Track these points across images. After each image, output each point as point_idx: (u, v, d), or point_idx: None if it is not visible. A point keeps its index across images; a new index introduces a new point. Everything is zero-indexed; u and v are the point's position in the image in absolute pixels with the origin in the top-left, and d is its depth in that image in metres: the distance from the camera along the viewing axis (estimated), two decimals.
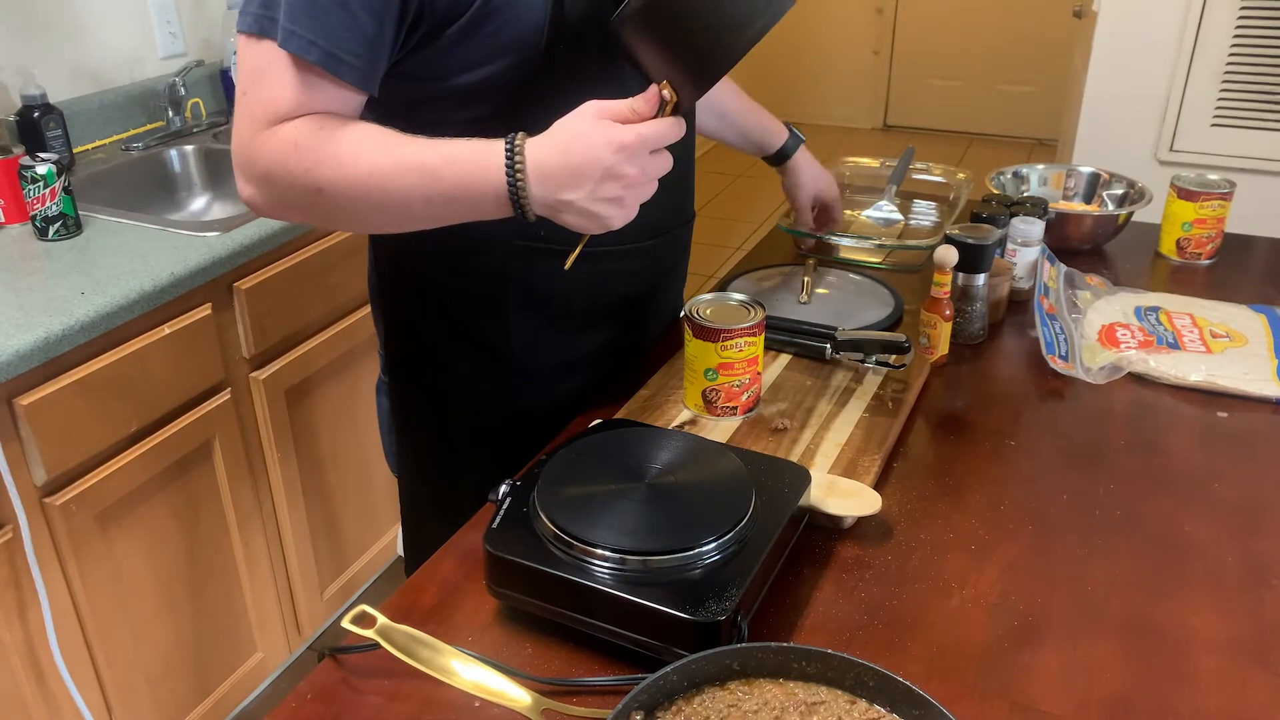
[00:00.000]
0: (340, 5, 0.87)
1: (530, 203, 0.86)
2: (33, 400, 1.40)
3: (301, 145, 0.88)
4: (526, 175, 0.85)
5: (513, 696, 0.73)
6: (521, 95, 0.97)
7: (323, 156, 0.88)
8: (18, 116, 1.92)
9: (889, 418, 1.11)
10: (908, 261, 1.54)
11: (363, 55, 0.89)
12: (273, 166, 0.90)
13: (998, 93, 5.50)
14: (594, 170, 0.84)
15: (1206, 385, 1.21)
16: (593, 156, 0.83)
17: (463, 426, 1.20)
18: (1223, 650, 0.82)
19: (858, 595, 0.88)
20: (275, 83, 0.89)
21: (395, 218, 0.93)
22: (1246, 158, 2.34)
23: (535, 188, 0.86)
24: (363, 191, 0.89)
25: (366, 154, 0.89)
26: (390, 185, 0.88)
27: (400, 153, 0.89)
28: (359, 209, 0.91)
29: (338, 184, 0.89)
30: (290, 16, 0.87)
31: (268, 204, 0.94)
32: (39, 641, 1.49)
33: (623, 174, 0.84)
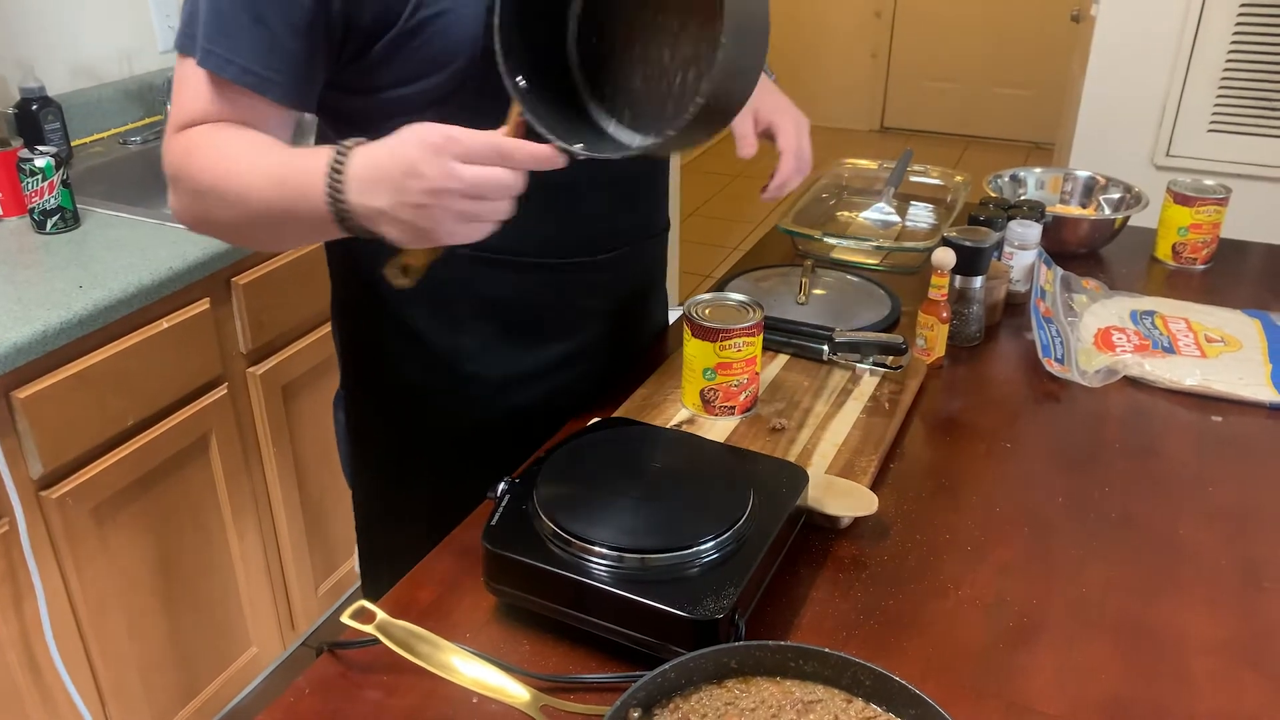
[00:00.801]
0: (257, 22, 0.86)
1: (351, 212, 0.79)
2: (30, 393, 1.40)
3: (191, 147, 0.89)
4: (347, 178, 0.78)
5: (511, 693, 0.73)
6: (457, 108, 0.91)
7: (200, 158, 0.88)
8: (16, 109, 1.91)
9: (886, 419, 1.12)
10: (905, 263, 1.55)
11: (284, 71, 0.89)
12: (172, 170, 0.91)
13: (995, 96, 5.51)
14: (398, 169, 0.76)
15: (1201, 389, 1.22)
16: (401, 155, 0.76)
17: (419, 440, 1.18)
18: (1216, 652, 0.83)
19: (854, 595, 0.89)
20: (190, 94, 0.90)
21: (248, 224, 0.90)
22: (1242, 163, 2.35)
23: (355, 195, 0.78)
24: (226, 194, 0.87)
25: (228, 159, 0.87)
26: (242, 186, 0.86)
27: (257, 157, 0.87)
28: (225, 214, 0.89)
29: (206, 186, 0.88)
30: (208, 36, 0.87)
31: (183, 211, 0.93)
32: (34, 635, 1.49)
33: (422, 173, 0.74)
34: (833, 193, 1.78)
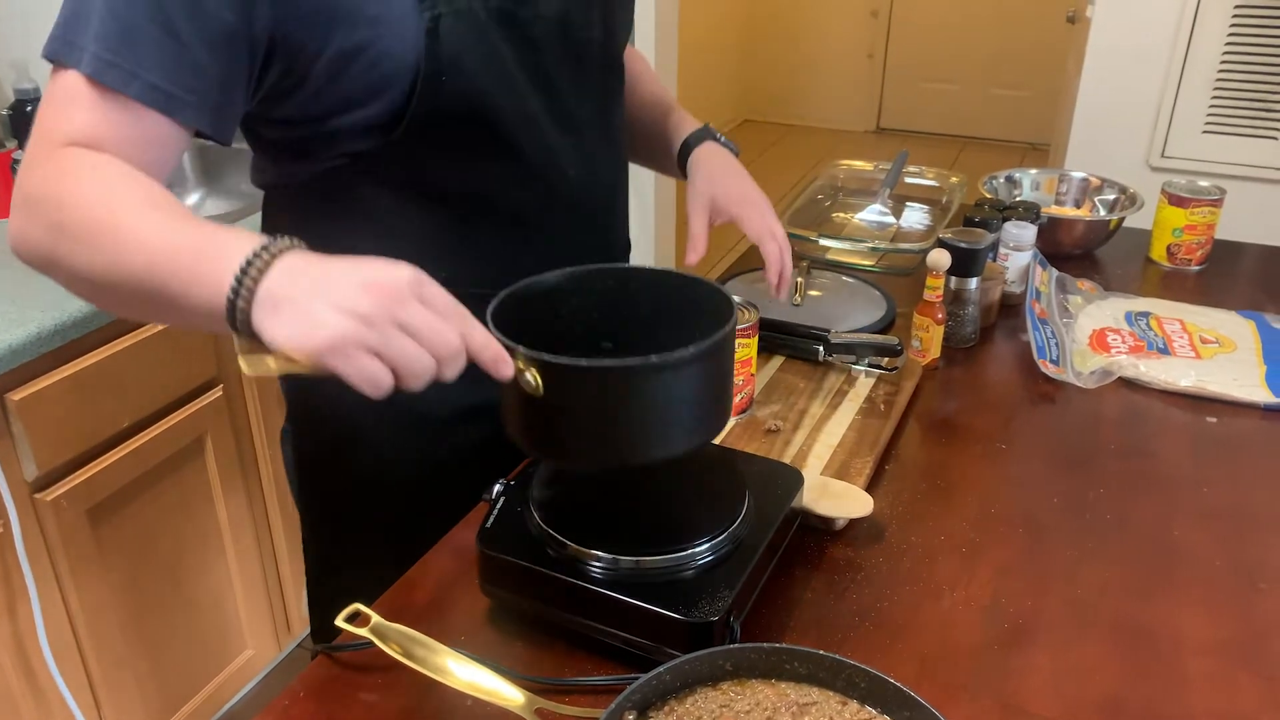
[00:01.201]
0: (168, 33, 0.76)
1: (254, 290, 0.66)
2: (24, 395, 1.40)
3: (65, 171, 0.75)
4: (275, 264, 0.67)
5: (506, 695, 0.73)
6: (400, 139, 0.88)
7: (74, 188, 0.74)
8: (10, 110, 1.91)
9: (881, 420, 1.12)
10: (900, 265, 1.55)
11: (197, 90, 0.78)
12: (35, 192, 0.76)
13: (991, 97, 5.52)
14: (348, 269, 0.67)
15: (1196, 390, 1.22)
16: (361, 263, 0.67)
17: (367, 480, 1.09)
18: (1211, 653, 0.83)
19: (849, 597, 0.89)
20: (73, 109, 0.76)
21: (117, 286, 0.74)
22: (1237, 165, 2.36)
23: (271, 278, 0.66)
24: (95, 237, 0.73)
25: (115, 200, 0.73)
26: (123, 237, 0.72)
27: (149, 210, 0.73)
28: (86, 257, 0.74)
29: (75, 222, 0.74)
30: (106, 45, 0.75)
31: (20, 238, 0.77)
32: (29, 637, 1.49)
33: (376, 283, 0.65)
34: (828, 194, 1.78)
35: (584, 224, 1.05)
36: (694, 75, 4.83)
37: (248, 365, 0.67)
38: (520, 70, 0.91)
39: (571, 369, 0.71)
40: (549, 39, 0.93)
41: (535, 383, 0.71)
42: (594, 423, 0.75)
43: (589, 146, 1.01)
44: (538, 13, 0.91)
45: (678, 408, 0.76)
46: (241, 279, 0.67)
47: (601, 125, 1.03)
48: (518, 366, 0.71)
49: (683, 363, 0.73)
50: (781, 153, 5.62)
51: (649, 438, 0.76)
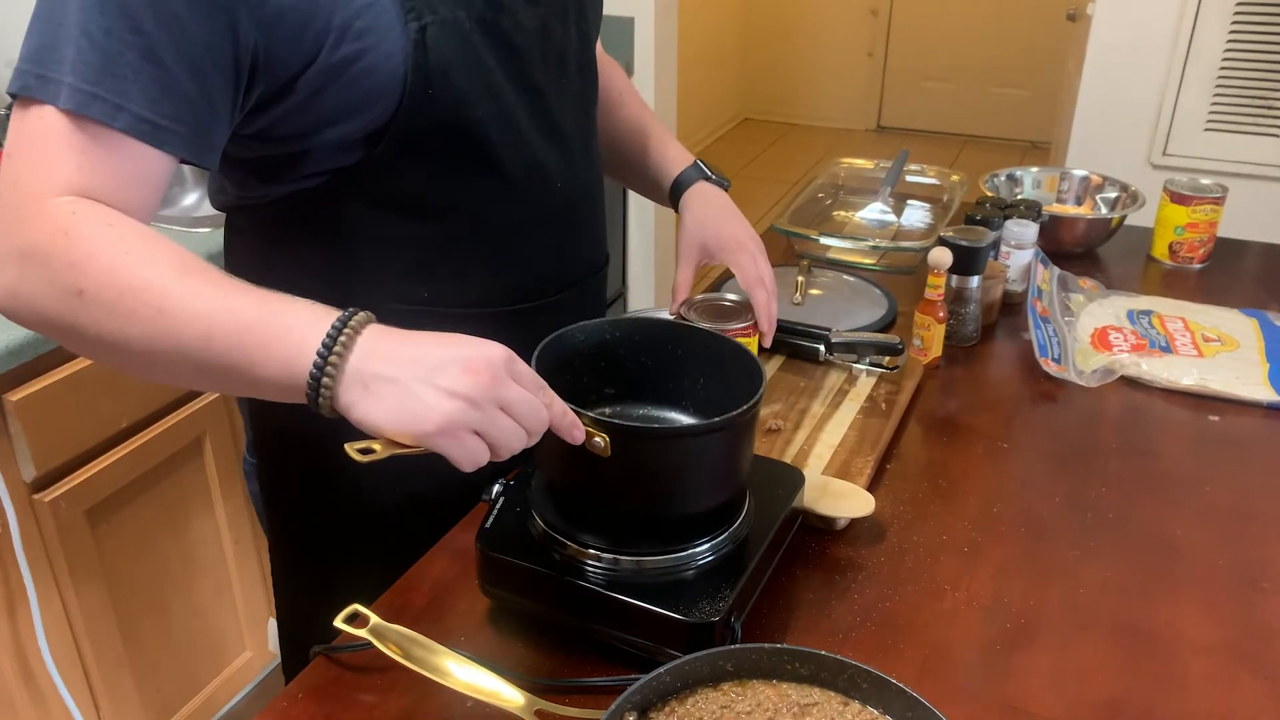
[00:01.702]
0: (148, 60, 0.71)
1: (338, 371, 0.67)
2: (22, 396, 1.39)
3: (74, 234, 0.70)
4: (354, 344, 0.68)
5: (506, 696, 0.72)
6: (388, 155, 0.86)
7: (98, 252, 0.69)
8: (7, 110, 1.90)
9: (882, 419, 1.11)
10: (901, 263, 1.55)
11: (184, 120, 0.74)
12: (32, 250, 0.70)
13: (992, 95, 5.52)
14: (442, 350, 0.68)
15: (1198, 389, 1.21)
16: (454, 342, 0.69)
17: (347, 511, 1.04)
18: (1212, 653, 0.83)
19: (851, 597, 0.89)
20: (54, 149, 0.71)
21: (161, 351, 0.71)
22: (1239, 162, 2.35)
23: (356, 355, 0.68)
24: (130, 307, 0.69)
25: (148, 267, 0.70)
26: (167, 307, 0.69)
27: (196, 280, 0.70)
28: (120, 328, 0.70)
29: (103, 293, 0.69)
30: (85, 76, 0.70)
31: (12, 295, 0.72)
32: (27, 639, 1.49)
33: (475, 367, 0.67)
34: (829, 192, 1.78)
35: (568, 235, 1.02)
36: (694, 74, 4.83)
37: (358, 454, 0.67)
38: (505, 80, 0.90)
39: (639, 432, 0.80)
40: (530, 46, 0.91)
41: (604, 444, 0.75)
42: (654, 478, 0.80)
43: (574, 156, 1.00)
44: (518, 21, 0.90)
45: (728, 462, 0.82)
46: (326, 357, 0.67)
47: (583, 133, 1.02)
48: (587, 431, 0.75)
49: (734, 421, 0.78)
50: (782, 151, 5.61)
51: (702, 490, 0.81)
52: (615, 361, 0.90)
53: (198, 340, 0.69)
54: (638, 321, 0.91)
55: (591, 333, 0.88)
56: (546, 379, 0.74)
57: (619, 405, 0.91)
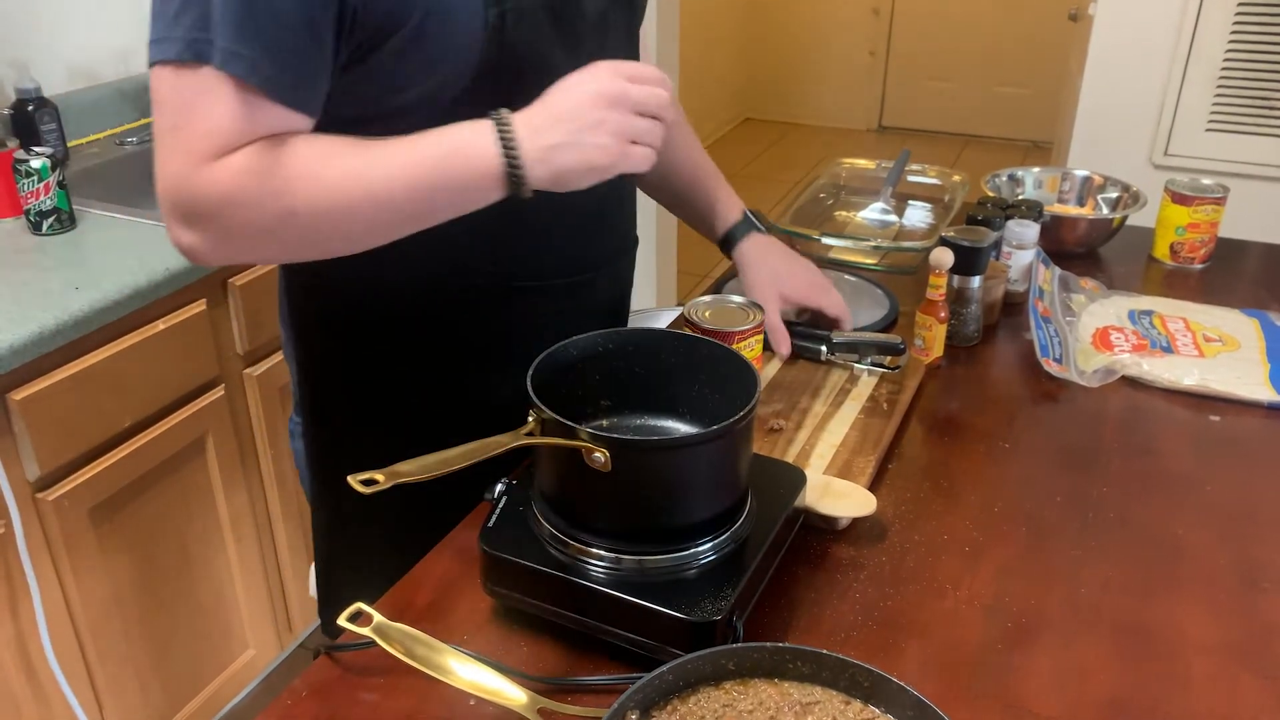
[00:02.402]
0: (277, 22, 0.79)
1: (524, 160, 0.82)
2: (26, 395, 1.40)
3: (261, 171, 0.80)
4: (515, 132, 0.82)
5: (509, 695, 0.73)
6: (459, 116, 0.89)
7: (290, 175, 0.81)
8: (12, 110, 1.91)
9: (884, 419, 1.11)
10: (903, 263, 1.55)
11: (307, 78, 0.83)
12: (229, 198, 0.81)
13: (993, 95, 5.52)
14: (571, 100, 0.82)
15: (1199, 389, 1.21)
16: (573, 88, 0.83)
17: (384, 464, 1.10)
18: (1214, 653, 0.83)
19: (852, 596, 0.89)
20: (215, 110, 0.79)
21: (382, 222, 0.85)
22: (1240, 162, 2.35)
23: (527, 141, 0.82)
24: (343, 200, 0.82)
25: (337, 160, 0.82)
26: (374, 187, 0.82)
27: (378, 151, 0.83)
28: (338, 223, 0.84)
29: (315, 200, 0.82)
30: (230, 35, 0.78)
31: (215, 245, 0.84)
32: (31, 637, 1.49)
33: (599, 91, 0.82)
34: (830, 192, 1.78)
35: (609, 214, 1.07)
36: (696, 73, 4.83)
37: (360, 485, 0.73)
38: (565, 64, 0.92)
39: (639, 445, 0.80)
40: (588, 34, 0.97)
41: (604, 459, 0.76)
42: (655, 489, 0.80)
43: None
44: (583, 10, 0.96)
45: (728, 468, 0.83)
46: (508, 157, 0.82)
47: None
48: (585, 447, 0.76)
49: (731, 429, 0.78)
50: (783, 151, 5.61)
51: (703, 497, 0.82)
52: (610, 373, 0.90)
53: (403, 189, 0.83)
54: (630, 332, 0.91)
55: (585, 346, 0.89)
56: (541, 394, 0.79)
57: (615, 416, 0.92)
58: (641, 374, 0.91)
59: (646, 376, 0.91)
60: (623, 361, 0.91)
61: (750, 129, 5.95)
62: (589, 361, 0.89)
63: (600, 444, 0.76)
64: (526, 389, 0.80)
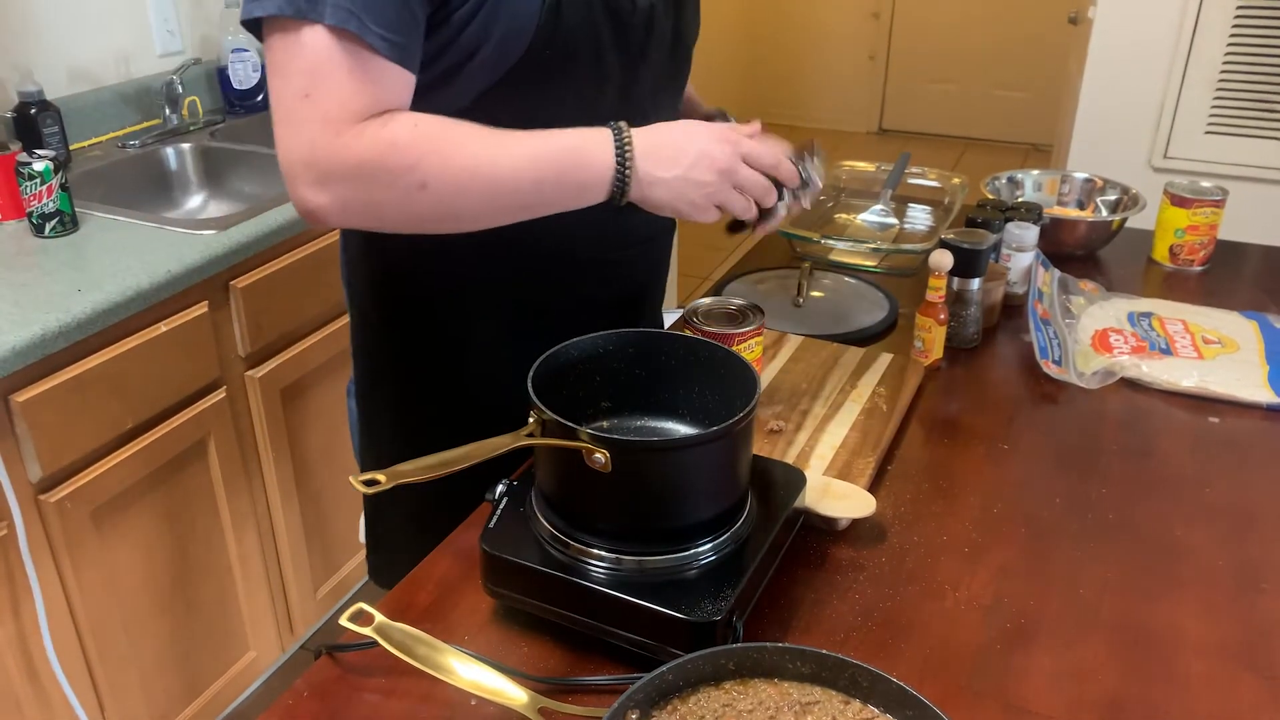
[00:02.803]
0: None
1: (633, 176, 0.90)
2: (28, 397, 1.40)
3: (400, 142, 0.86)
4: (634, 150, 0.90)
5: (510, 695, 0.73)
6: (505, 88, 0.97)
7: (427, 150, 0.87)
8: (14, 113, 1.91)
9: (884, 420, 1.12)
10: (902, 265, 1.55)
11: (410, 36, 0.87)
12: (365, 167, 0.86)
13: (993, 98, 5.52)
14: (692, 149, 0.90)
15: (1198, 391, 1.22)
16: (695, 138, 0.91)
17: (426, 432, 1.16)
18: (1213, 653, 0.83)
19: (852, 597, 0.89)
20: (343, 76, 0.84)
21: (498, 207, 0.92)
22: (1239, 165, 2.36)
23: (640, 161, 0.90)
24: (469, 182, 0.89)
25: (468, 144, 0.89)
26: (499, 173, 0.89)
27: (504, 140, 0.89)
28: (461, 202, 0.90)
29: (444, 177, 0.88)
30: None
31: (343, 208, 0.89)
32: (32, 638, 1.49)
33: (715, 156, 0.91)
34: (830, 195, 1.78)
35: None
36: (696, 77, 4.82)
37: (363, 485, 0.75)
38: (611, 50, 1.00)
39: (639, 445, 0.81)
40: (636, 26, 1.02)
41: (604, 460, 0.76)
42: (655, 490, 0.81)
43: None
44: (634, 3, 1.00)
45: (728, 469, 0.83)
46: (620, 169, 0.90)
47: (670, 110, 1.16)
48: (586, 448, 0.76)
49: (730, 430, 0.79)
50: None
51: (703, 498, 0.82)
52: (610, 374, 0.91)
53: (530, 181, 0.90)
54: (631, 334, 0.92)
55: (586, 347, 0.90)
56: (542, 395, 0.80)
57: (616, 418, 0.92)
58: (642, 375, 0.92)
59: (647, 378, 0.92)
60: (623, 363, 0.91)
61: None
62: (590, 363, 0.90)
63: (601, 445, 0.76)
64: (527, 390, 0.80)
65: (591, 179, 0.90)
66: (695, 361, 0.90)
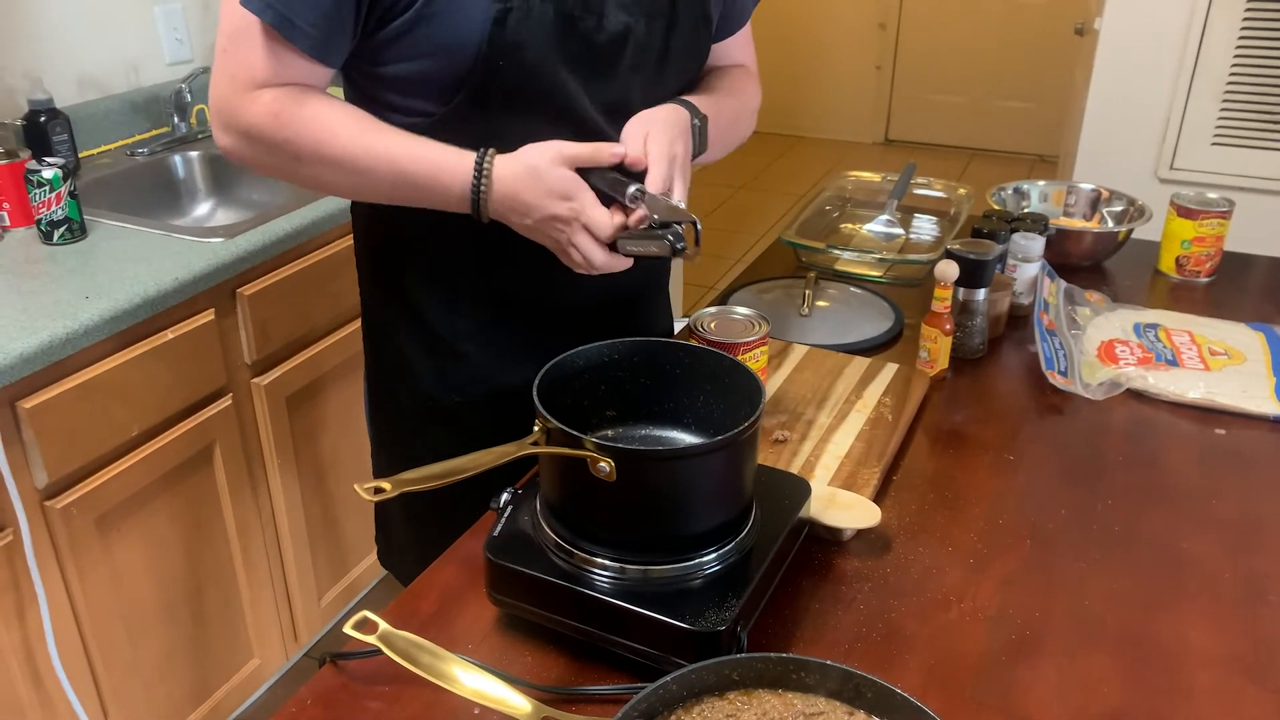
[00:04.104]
0: None
1: (486, 210, 0.97)
2: (35, 403, 1.41)
3: (281, 116, 0.96)
4: (490, 189, 0.95)
5: (513, 704, 0.73)
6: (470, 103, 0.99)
7: (300, 130, 0.96)
8: (24, 121, 1.92)
9: (889, 431, 1.12)
10: (908, 275, 1.55)
11: (319, 25, 0.93)
12: (253, 130, 0.97)
13: (999, 109, 5.52)
14: (537, 212, 0.95)
15: (1204, 402, 1.21)
16: (539, 201, 0.94)
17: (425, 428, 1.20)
18: (1218, 666, 0.83)
19: (856, 607, 0.89)
20: (251, 47, 0.94)
21: (365, 194, 1.03)
22: (1246, 176, 2.35)
23: (494, 201, 0.96)
24: (336, 168, 0.97)
25: (340, 135, 0.96)
26: (362, 168, 0.97)
27: (372, 140, 0.96)
28: (332, 180, 1.00)
29: (314, 157, 0.97)
30: None
31: (244, 157, 1.00)
32: (37, 644, 1.49)
33: (558, 229, 0.96)
34: (836, 205, 1.79)
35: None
36: None
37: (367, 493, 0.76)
38: (573, 74, 1.00)
39: (643, 455, 0.81)
40: (607, 45, 1.00)
41: (609, 469, 0.76)
42: (660, 499, 0.80)
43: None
44: (602, 24, 0.99)
45: (733, 479, 0.83)
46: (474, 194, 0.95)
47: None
48: (591, 457, 0.76)
49: (735, 439, 0.79)
50: (789, 164, 5.62)
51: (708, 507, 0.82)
52: (615, 383, 0.91)
53: (388, 182, 0.98)
54: (636, 343, 0.92)
55: (591, 356, 0.90)
56: (547, 404, 0.81)
57: (620, 427, 0.92)
58: (647, 384, 0.92)
59: (652, 387, 0.92)
60: (628, 372, 0.91)
61: (757, 142, 5.96)
62: (594, 372, 0.90)
63: (605, 454, 0.76)
64: (533, 399, 0.80)
65: (448, 201, 0.97)
66: (700, 371, 0.90)
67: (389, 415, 1.25)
